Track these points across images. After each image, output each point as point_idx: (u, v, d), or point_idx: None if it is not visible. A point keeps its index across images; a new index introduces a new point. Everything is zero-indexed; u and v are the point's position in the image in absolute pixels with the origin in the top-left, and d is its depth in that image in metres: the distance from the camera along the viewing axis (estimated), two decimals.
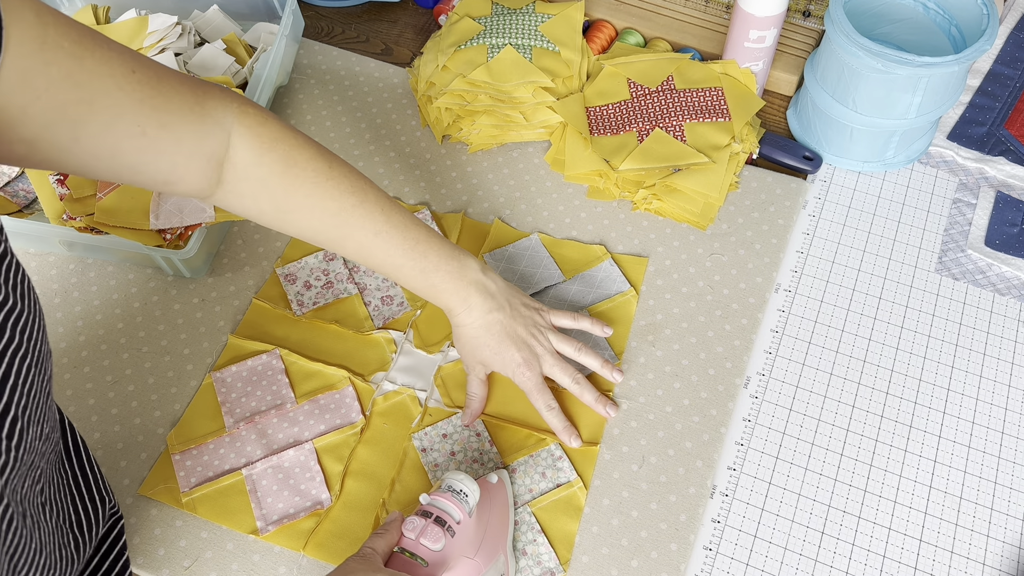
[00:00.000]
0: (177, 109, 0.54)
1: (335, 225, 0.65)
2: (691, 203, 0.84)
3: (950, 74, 0.79)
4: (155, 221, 0.78)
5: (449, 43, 0.93)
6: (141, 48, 0.93)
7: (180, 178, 0.58)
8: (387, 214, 0.66)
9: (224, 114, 0.58)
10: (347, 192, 0.65)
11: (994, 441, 0.73)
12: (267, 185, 0.62)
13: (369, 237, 0.66)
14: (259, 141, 0.61)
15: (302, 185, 0.63)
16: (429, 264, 0.68)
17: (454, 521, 0.59)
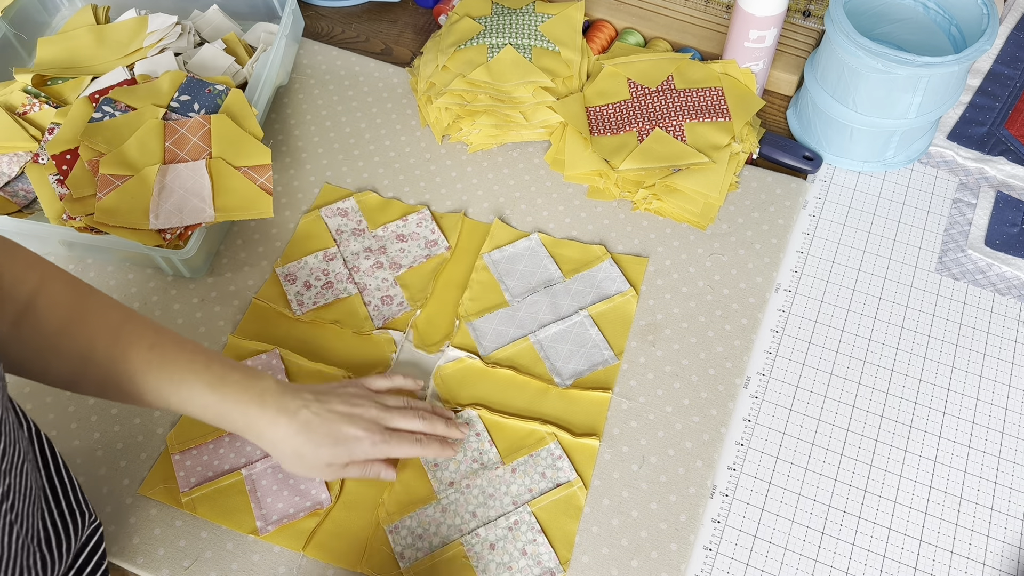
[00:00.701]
0: None
1: (105, 345, 0.58)
2: (691, 203, 0.84)
3: (950, 74, 0.79)
4: (155, 221, 0.78)
5: (449, 43, 0.93)
6: (141, 48, 0.93)
7: None
8: (157, 329, 0.61)
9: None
10: (112, 308, 0.60)
11: (994, 441, 0.73)
12: (31, 305, 0.56)
13: (143, 352, 0.59)
14: (21, 260, 0.56)
15: (67, 302, 0.58)
16: (215, 376, 0.60)
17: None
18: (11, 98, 0.89)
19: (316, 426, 0.63)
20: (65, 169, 0.83)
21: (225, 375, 0.61)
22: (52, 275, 0.58)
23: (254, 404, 0.61)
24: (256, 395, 0.62)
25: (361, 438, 0.64)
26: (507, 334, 0.78)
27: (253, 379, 0.62)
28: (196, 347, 0.62)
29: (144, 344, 0.59)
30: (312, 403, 0.64)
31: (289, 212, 0.87)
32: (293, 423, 0.62)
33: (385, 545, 0.68)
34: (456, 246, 0.84)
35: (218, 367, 0.61)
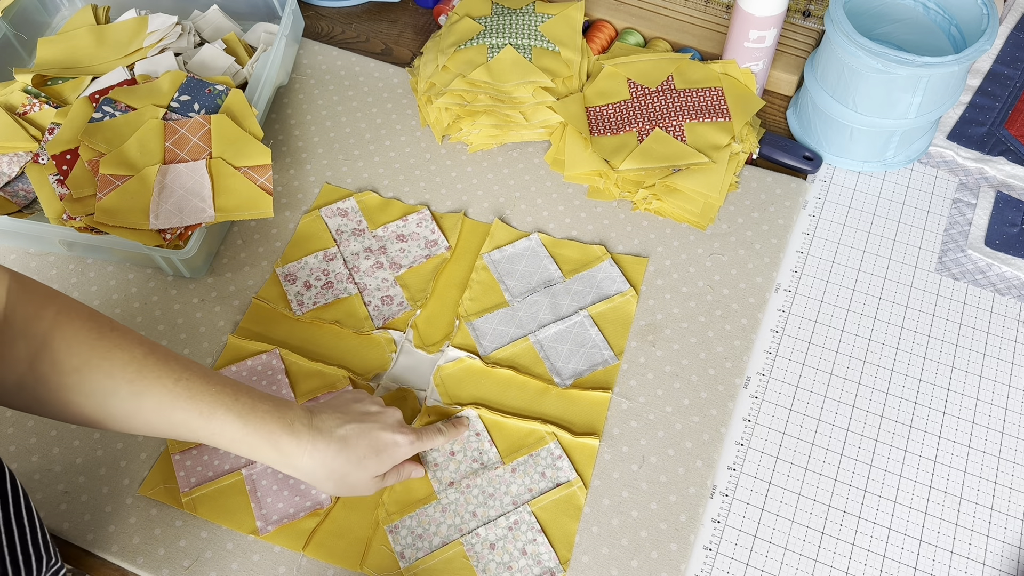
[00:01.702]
0: None
1: (128, 379, 0.56)
2: (691, 203, 0.84)
3: (950, 74, 0.79)
4: (155, 221, 0.78)
5: (449, 43, 0.93)
6: (141, 48, 0.93)
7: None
8: (183, 361, 0.59)
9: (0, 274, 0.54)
10: (135, 342, 0.58)
11: (994, 441, 0.73)
12: (47, 342, 0.55)
13: (169, 386, 0.57)
14: (36, 296, 0.55)
15: (86, 338, 0.56)
16: (244, 407, 0.59)
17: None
18: (11, 98, 0.89)
19: (354, 440, 0.63)
20: (65, 169, 0.83)
21: (255, 406, 0.60)
22: (69, 311, 0.57)
23: (286, 434, 0.61)
24: (287, 424, 0.61)
25: (399, 442, 0.65)
26: (507, 334, 0.78)
27: (282, 409, 0.62)
28: (223, 379, 0.61)
29: (170, 378, 0.58)
30: (343, 422, 0.63)
31: (289, 212, 0.87)
32: (332, 444, 0.62)
33: (385, 545, 0.68)
34: (456, 246, 0.84)
35: (246, 398, 0.60)
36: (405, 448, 0.65)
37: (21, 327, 0.54)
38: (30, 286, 0.56)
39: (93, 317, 0.58)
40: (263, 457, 0.61)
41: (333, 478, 0.63)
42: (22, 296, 0.55)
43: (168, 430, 0.59)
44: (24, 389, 0.55)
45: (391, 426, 0.65)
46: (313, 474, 0.62)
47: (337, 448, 0.62)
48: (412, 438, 0.66)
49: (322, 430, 0.62)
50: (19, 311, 0.54)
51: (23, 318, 0.54)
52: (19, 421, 0.75)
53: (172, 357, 0.59)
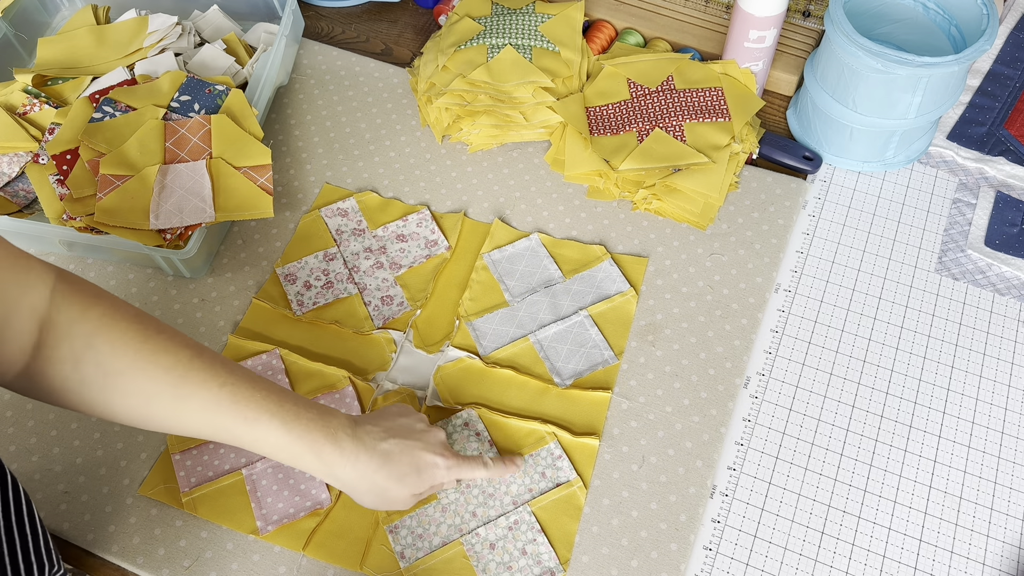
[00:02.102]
0: (3, 255, 0.50)
1: (172, 383, 0.56)
2: (691, 203, 0.84)
3: (950, 74, 0.79)
4: (155, 221, 0.78)
5: (449, 43, 0.93)
6: (141, 48, 0.93)
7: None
8: (229, 365, 0.59)
9: (45, 270, 0.54)
10: (181, 345, 0.57)
11: (994, 441, 0.73)
12: (92, 344, 0.54)
13: (214, 390, 0.57)
14: (82, 296, 0.55)
15: (131, 341, 0.55)
16: (288, 414, 0.59)
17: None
18: (11, 98, 0.89)
19: (396, 456, 0.62)
20: (65, 169, 0.83)
21: (299, 413, 0.60)
22: (115, 312, 0.56)
23: (329, 443, 0.60)
24: (330, 434, 0.60)
25: (438, 464, 0.64)
26: (507, 334, 0.78)
27: (326, 417, 0.61)
28: (269, 384, 0.60)
29: (215, 382, 0.57)
30: (387, 436, 0.63)
31: (289, 212, 0.88)
32: (374, 457, 0.61)
33: (385, 545, 0.68)
34: (456, 246, 0.84)
35: (291, 405, 0.60)
36: (443, 472, 0.64)
37: (66, 328, 0.54)
38: (77, 285, 0.56)
39: (140, 319, 0.57)
40: (305, 466, 0.60)
41: (373, 491, 0.62)
42: (68, 296, 0.54)
43: (211, 434, 0.59)
44: (68, 391, 0.55)
45: (434, 447, 0.64)
46: (354, 485, 0.62)
47: (380, 462, 0.61)
48: (452, 463, 0.65)
49: (365, 443, 0.61)
50: (63, 312, 0.54)
51: (68, 319, 0.54)
52: (19, 421, 0.75)
53: (218, 361, 0.59)
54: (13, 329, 0.51)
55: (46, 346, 0.53)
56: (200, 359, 0.58)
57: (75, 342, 0.54)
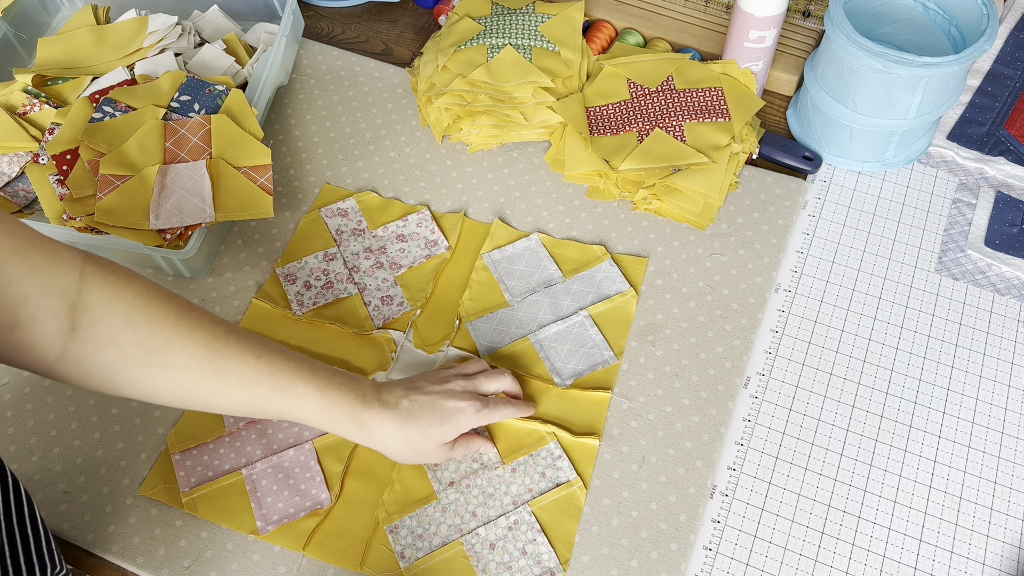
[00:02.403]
0: (30, 239, 0.51)
1: (211, 357, 0.58)
2: (691, 203, 0.84)
3: (950, 74, 0.79)
4: (155, 221, 0.78)
5: (449, 43, 0.93)
6: (141, 48, 0.93)
7: (30, 317, 0.51)
8: (259, 338, 0.61)
9: (73, 254, 0.55)
10: (214, 322, 0.60)
11: (994, 441, 0.73)
12: (129, 322, 0.56)
13: (251, 362, 0.59)
14: (114, 278, 0.56)
15: (168, 318, 0.57)
16: (321, 380, 0.62)
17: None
18: (11, 98, 0.89)
19: (418, 410, 0.65)
20: (65, 169, 0.83)
21: (330, 379, 0.63)
22: (148, 292, 0.58)
23: (359, 404, 0.63)
24: (359, 395, 0.64)
25: (463, 408, 0.66)
26: (507, 334, 0.78)
27: (354, 381, 0.64)
28: (298, 355, 0.63)
29: (251, 355, 0.60)
30: (409, 392, 0.66)
31: (289, 212, 0.88)
32: (398, 414, 0.64)
33: (385, 545, 0.68)
34: (456, 246, 0.84)
35: (322, 372, 0.63)
36: (471, 416, 0.67)
37: (101, 310, 0.55)
38: (107, 266, 0.57)
39: (172, 298, 0.59)
40: (340, 429, 0.64)
41: (403, 447, 0.65)
42: (99, 278, 0.55)
43: (250, 406, 0.61)
44: (112, 370, 0.56)
45: (457, 394, 0.67)
46: (386, 442, 0.65)
47: (404, 418, 0.64)
48: (478, 406, 0.67)
49: (388, 403, 0.65)
50: (96, 294, 0.55)
51: (102, 299, 0.55)
52: (19, 421, 0.75)
53: (250, 335, 0.61)
54: (47, 312, 0.52)
55: (82, 327, 0.54)
56: (234, 334, 0.60)
57: (112, 322, 0.55)
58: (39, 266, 0.52)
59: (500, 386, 0.71)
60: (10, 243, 0.50)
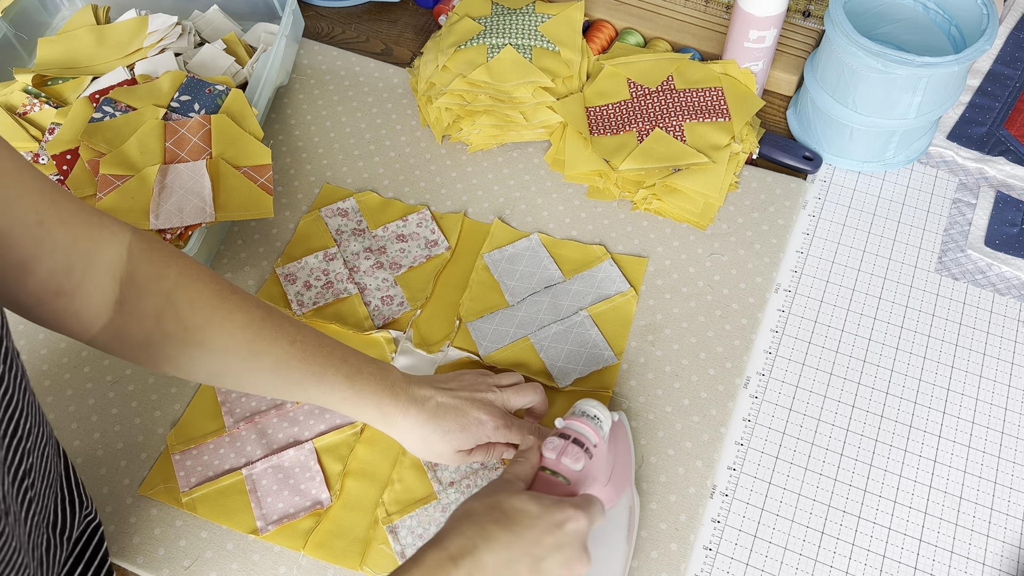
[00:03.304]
0: (77, 210, 0.52)
1: (248, 340, 0.59)
2: (691, 203, 0.84)
3: (950, 74, 0.79)
4: (155, 221, 0.78)
5: (449, 43, 0.93)
6: (141, 48, 0.93)
7: (76, 287, 0.52)
8: (296, 323, 0.62)
9: (120, 228, 0.55)
10: (253, 305, 0.61)
11: (994, 441, 0.73)
12: (172, 300, 0.57)
13: (285, 347, 0.60)
14: (159, 255, 0.57)
15: (209, 298, 0.58)
16: (352, 368, 0.63)
17: (591, 444, 0.61)
18: (11, 98, 0.89)
19: (444, 413, 0.65)
20: (65, 169, 0.83)
21: (361, 367, 0.63)
22: (191, 270, 0.59)
23: (387, 395, 0.63)
24: (388, 386, 0.64)
25: (484, 422, 0.66)
26: (507, 334, 0.78)
27: (385, 371, 0.64)
28: (332, 341, 0.64)
29: (286, 339, 0.61)
30: (439, 392, 0.66)
31: (289, 212, 0.88)
32: (424, 411, 0.64)
33: (385, 545, 0.68)
34: (456, 246, 0.84)
35: (354, 359, 0.63)
36: (490, 431, 0.66)
37: (145, 284, 0.56)
38: (154, 243, 0.58)
39: (214, 279, 0.60)
40: (366, 416, 0.64)
41: (421, 443, 0.65)
42: (145, 253, 0.56)
43: (283, 389, 0.62)
44: (152, 344, 0.57)
45: (484, 406, 0.66)
46: (405, 435, 0.65)
47: (428, 416, 0.64)
48: (500, 424, 0.66)
49: (416, 398, 0.64)
50: (142, 268, 0.56)
51: (147, 275, 0.56)
52: None
53: (287, 320, 0.62)
54: (92, 282, 0.53)
55: (128, 301, 0.55)
56: (271, 319, 0.61)
57: (156, 298, 0.56)
58: (85, 238, 0.52)
59: (528, 401, 0.69)
60: (58, 213, 0.50)
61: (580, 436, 0.61)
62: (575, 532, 0.55)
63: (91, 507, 0.63)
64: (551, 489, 0.59)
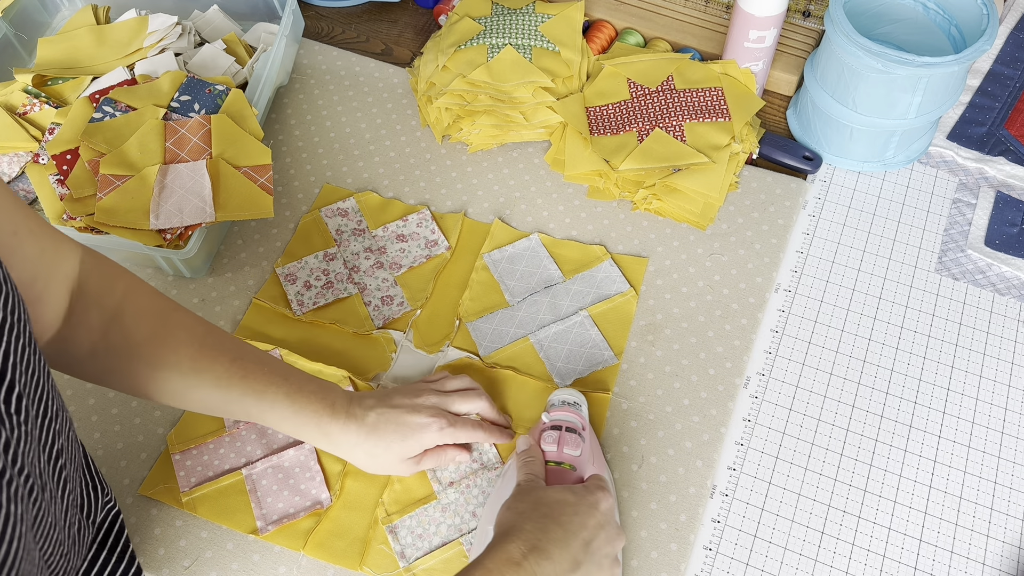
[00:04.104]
0: (42, 223, 0.54)
1: (189, 356, 0.60)
2: (691, 203, 0.84)
3: (950, 74, 0.79)
4: (155, 221, 0.78)
5: (449, 43, 0.93)
6: (141, 48, 0.93)
7: (38, 297, 0.53)
8: (238, 343, 0.64)
9: (75, 244, 0.57)
10: (196, 322, 0.62)
11: (994, 441, 0.73)
12: (118, 314, 0.59)
13: (226, 365, 0.61)
14: (107, 270, 0.59)
15: (154, 314, 0.60)
16: (292, 387, 0.63)
17: (580, 428, 0.65)
18: (11, 98, 0.89)
19: (383, 425, 0.65)
20: (65, 169, 0.83)
21: (302, 386, 0.64)
22: (137, 287, 0.61)
23: (327, 414, 0.64)
24: (328, 405, 0.64)
25: (427, 424, 0.66)
26: (507, 334, 0.78)
27: (326, 391, 0.65)
28: (274, 361, 0.65)
29: (227, 357, 0.62)
30: (376, 406, 0.66)
31: (289, 212, 0.88)
32: (363, 427, 0.65)
33: (385, 545, 0.68)
34: (456, 246, 0.84)
35: (295, 379, 0.64)
36: (434, 433, 0.66)
37: (95, 297, 0.58)
38: (102, 260, 0.59)
39: (159, 296, 0.62)
40: (308, 436, 0.64)
41: (367, 458, 0.66)
42: (95, 268, 0.58)
43: (223, 407, 0.62)
44: (96, 356, 0.58)
45: (423, 410, 0.67)
46: (350, 453, 0.65)
47: (367, 432, 0.65)
48: (443, 424, 0.67)
49: (355, 414, 0.65)
50: (92, 282, 0.58)
51: (96, 289, 0.58)
52: None
53: (229, 339, 0.63)
54: (51, 293, 0.54)
55: (75, 313, 0.56)
56: (213, 336, 0.62)
57: (103, 312, 0.58)
58: (50, 249, 0.54)
59: (473, 408, 0.70)
60: (28, 225, 0.52)
61: (570, 424, 0.64)
62: (609, 510, 0.60)
63: (110, 494, 0.64)
64: (563, 479, 0.62)
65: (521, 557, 0.54)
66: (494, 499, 0.65)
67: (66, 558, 0.51)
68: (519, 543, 0.55)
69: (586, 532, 0.57)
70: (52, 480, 0.48)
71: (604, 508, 0.60)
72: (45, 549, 0.47)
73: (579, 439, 0.64)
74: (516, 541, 0.55)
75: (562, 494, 0.59)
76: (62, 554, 0.50)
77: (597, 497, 0.60)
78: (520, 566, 0.53)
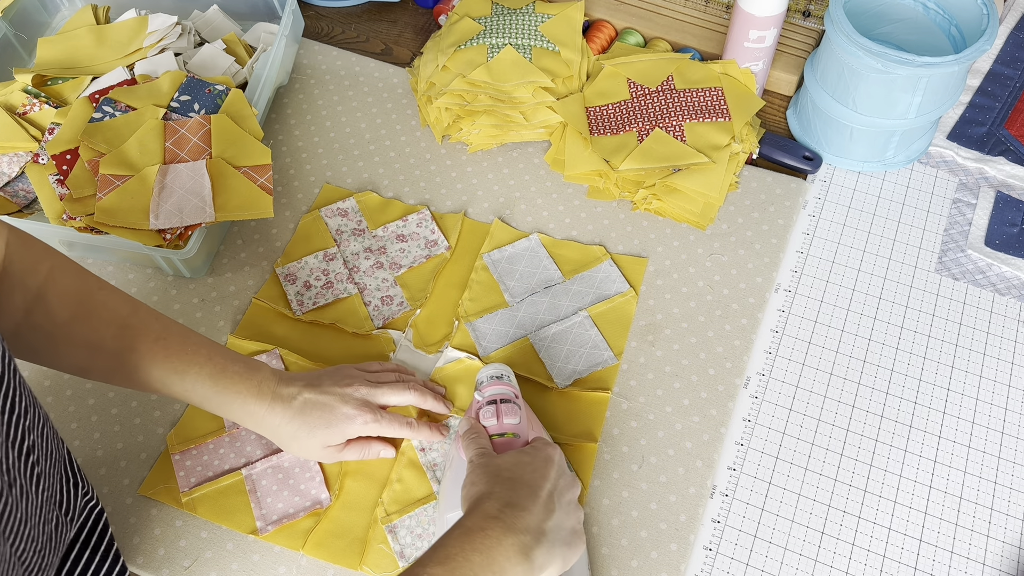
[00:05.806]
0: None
1: (112, 336, 0.61)
2: (691, 203, 0.84)
3: (950, 74, 0.79)
4: (155, 221, 0.78)
5: (449, 43, 0.93)
6: (141, 48, 0.93)
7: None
8: (164, 322, 0.64)
9: (1, 226, 0.57)
10: (121, 302, 0.62)
11: (994, 441, 0.73)
12: (42, 295, 0.59)
13: (149, 344, 0.61)
14: (33, 251, 0.59)
15: (77, 294, 0.60)
16: (216, 367, 0.63)
17: (513, 397, 0.66)
18: (11, 98, 0.89)
19: (309, 410, 0.65)
20: (65, 169, 0.83)
21: (226, 367, 0.64)
22: (62, 267, 0.61)
23: (251, 395, 0.64)
24: (254, 386, 0.64)
25: (352, 416, 0.66)
26: (507, 334, 0.78)
27: (252, 370, 0.65)
28: (200, 340, 0.64)
29: (150, 336, 0.62)
30: (305, 389, 0.66)
31: (289, 212, 0.88)
32: (288, 410, 0.65)
33: (384, 545, 0.68)
34: (456, 246, 0.84)
35: (219, 359, 0.64)
36: (359, 427, 0.67)
37: (19, 278, 0.58)
38: (29, 242, 0.59)
39: (84, 276, 0.62)
40: (234, 415, 0.65)
41: (291, 441, 0.66)
42: (20, 250, 0.58)
43: (146, 386, 0.63)
44: (20, 336, 0.59)
45: (351, 401, 0.67)
46: (276, 433, 0.66)
47: (293, 414, 0.65)
48: (370, 418, 0.67)
49: (282, 396, 0.65)
50: (17, 263, 0.58)
51: (21, 270, 0.58)
52: None
53: (155, 318, 0.63)
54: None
55: (1, 294, 0.57)
56: (137, 315, 0.62)
57: (27, 292, 0.58)
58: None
59: (402, 401, 0.70)
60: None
61: (503, 396, 0.66)
62: (561, 461, 0.62)
63: (91, 491, 0.64)
64: (511, 447, 0.63)
65: (498, 512, 0.55)
66: (448, 486, 0.65)
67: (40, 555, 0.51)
68: (493, 501, 0.56)
69: (548, 483, 0.59)
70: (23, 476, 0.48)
71: (556, 459, 0.62)
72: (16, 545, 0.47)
73: (516, 407, 0.65)
74: (490, 500, 0.56)
75: (516, 457, 0.61)
76: (36, 550, 0.50)
77: (548, 452, 0.62)
78: (498, 519, 0.55)
